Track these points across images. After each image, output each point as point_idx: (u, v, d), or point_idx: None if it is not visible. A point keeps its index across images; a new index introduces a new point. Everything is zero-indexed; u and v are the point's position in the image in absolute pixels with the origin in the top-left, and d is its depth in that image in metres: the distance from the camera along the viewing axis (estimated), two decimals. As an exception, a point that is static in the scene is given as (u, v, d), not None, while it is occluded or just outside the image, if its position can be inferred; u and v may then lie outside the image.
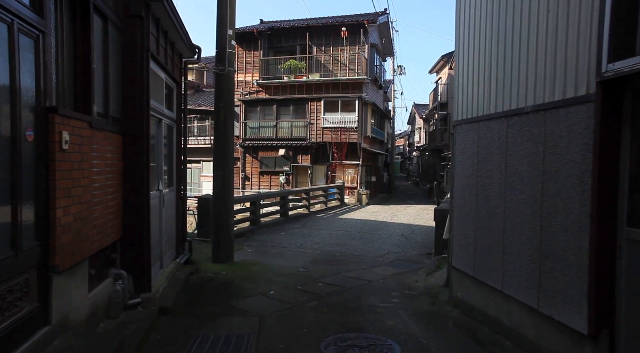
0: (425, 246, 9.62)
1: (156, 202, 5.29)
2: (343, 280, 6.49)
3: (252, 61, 22.95)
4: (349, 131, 21.06)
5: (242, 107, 22.72)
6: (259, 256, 8.13)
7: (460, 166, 4.71)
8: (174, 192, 6.42)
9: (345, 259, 8.10)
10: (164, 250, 5.70)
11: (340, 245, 9.44)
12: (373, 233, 11.13)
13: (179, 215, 6.61)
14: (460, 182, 4.72)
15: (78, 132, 3.13)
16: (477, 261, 4.25)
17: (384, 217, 14.77)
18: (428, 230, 11.94)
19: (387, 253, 8.79)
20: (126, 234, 4.36)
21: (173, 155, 6.42)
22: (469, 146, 4.50)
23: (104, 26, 3.79)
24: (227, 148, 7.44)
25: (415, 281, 6.43)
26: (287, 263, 7.63)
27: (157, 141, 5.41)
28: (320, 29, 21.63)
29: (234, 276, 6.45)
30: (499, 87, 3.91)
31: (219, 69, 7.27)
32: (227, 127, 7.39)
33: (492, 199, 4.01)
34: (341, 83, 21.21)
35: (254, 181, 22.89)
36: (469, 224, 4.46)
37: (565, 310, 3.03)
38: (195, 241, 9.32)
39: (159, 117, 5.39)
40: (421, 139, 44.72)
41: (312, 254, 8.50)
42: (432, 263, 7.17)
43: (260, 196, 12.23)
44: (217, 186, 7.46)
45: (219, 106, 7.34)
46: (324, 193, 17.53)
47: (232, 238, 7.55)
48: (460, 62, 4.89)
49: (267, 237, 10.30)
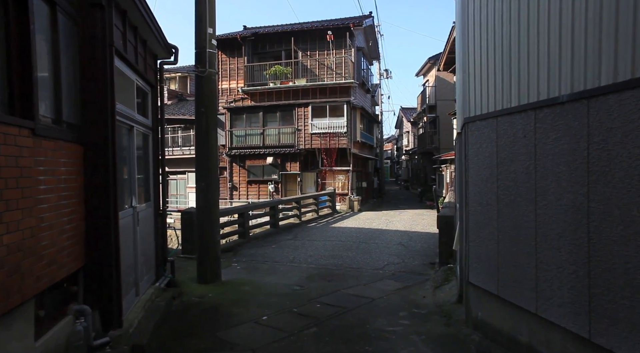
0: (426, 255, 9.05)
1: (129, 221, 4.62)
2: (343, 298, 5.87)
3: (237, 68, 22.36)
4: (338, 136, 20.53)
5: (227, 116, 22.08)
6: (249, 274, 7.46)
7: (475, 169, 4.14)
8: (151, 208, 5.75)
9: (343, 273, 7.48)
10: (141, 275, 5.03)
11: (336, 257, 8.81)
12: (369, 243, 10.53)
13: (158, 233, 5.94)
14: (475, 187, 4.15)
15: (13, 141, 2.48)
16: (502, 277, 3.67)
17: (378, 224, 14.19)
18: (427, 236, 11.38)
19: (387, 264, 8.19)
20: (90, 261, 3.69)
21: (150, 167, 5.75)
22: (485, 146, 3.94)
23: (51, 14, 3.15)
24: (211, 156, 6.79)
25: (422, 297, 5.83)
26: (280, 280, 6.97)
27: (128, 151, 4.76)
28: (306, 34, 21.16)
29: (222, 300, 5.78)
30: (523, 75, 3.36)
31: (199, 71, 6.64)
32: (209, 133, 6.75)
33: (518, 206, 3.44)
34: (328, 88, 20.71)
35: (242, 191, 22.19)
36: (489, 234, 3.89)
37: (630, 343, 2.45)
38: (179, 259, 8.64)
39: (130, 124, 4.73)
40: (409, 142, 44.46)
41: (307, 269, 7.86)
42: (439, 275, 6.58)
43: (248, 208, 11.57)
44: (201, 199, 6.80)
45: (200, 111, 6.70)
46: (315, 201, 16.91)
47: (218, 255, 6.88)
48: (468, 49, 4.34)
49: (257, 251, 9.64)
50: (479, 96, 4.05)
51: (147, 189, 5.69)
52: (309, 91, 20.92)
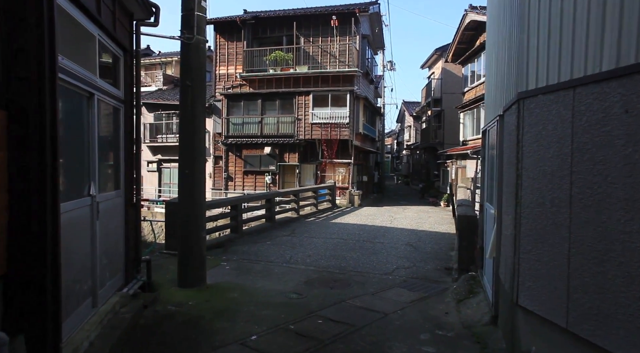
0: (438, 258, 8.10)
1: (83, 213, 3.62)
2: (349, 312, 4.90)
3: (235, 53, 21.28)
4: (339, 127, 19.52)
5: (224, 102, 21.03)
6: (239, 276, 6.48)
7: (534, 159, 3.16)
8: (121, 197, 4.75)
9: (347, 278, 6.51)
10: (102, 280, 4.04)
11: (339, 258, 7.85)
12: (374, 242, 9.56)
13: (130, 228, 4.94)
14: (533, 182, 3.17)
15: None
16: (577, 306, 2.70)
17: (382, 221, 13.22)
18: (436, 237, 10.43)
19: (397, 268, 7.23)
20: (14, 269, 2.70)
21: (120, 148, 4.74)
22: (552, 128, 2.96)
23: None
24: (197, 139, 5.79)
25: (445, 314, 4.87)
26: (274, 285, 6.00)
27: (85, 125, 3.75)
28: (308, 19, 20.06)
29: (204, 310, 4.81)
30: (627, 23, 2.36)
31: (185, 38, 5.62)
32: (195, 112, 5.74)
33: (609, 210, 2.47)
34: (331, 76, 19.67)
35: (238, 182, 21.20)
36: (554, 246, 2.92)
37: None
38: (162, 256, 7.68)
39: (88, 91, 3.72)
40: (411, 137, 43.45)
41: (306, 271, 6.89)
42: (461, 286, 5.62)
43: (242, 199, 10.56)
44: (185, 189, 5.80)
45: (185, 85, 5.68)
46: (314, 195, 15.92)
47: (203, 254, 5.89)
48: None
49: (251, 248, 8.66)
50: (545, 61, 3.05)
51: (116, 175, 4.69)
52: (310, 78, 19.88)
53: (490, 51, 5.53)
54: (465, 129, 22.16)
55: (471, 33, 20.59)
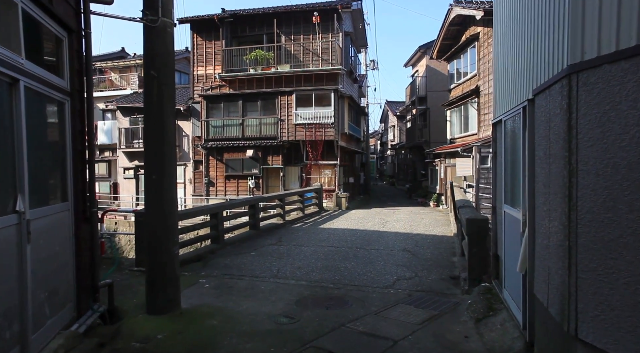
0: (440, 265, 7.37)
1: (7, 235, 2.75)
2: (352, 340, 4.10)
3: (214, 53, 20.35)
4: (324, 127, 18.76)
5: (203, 104, 20.07)
6: (220, 297, 5.62)
7: (598, 149, 2.42)
8: (69, 211, 3.87)
9: (344, 294, 5.72)
10: (35, 321, 3.15)
11: (332, 270, 7.05)
12: (369, 249, 8.79)
13: (82, 247, 4.06)
14: (597, 180, 2.43)
15: None
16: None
17: (374, 225, 12.47)
18: (434, 240, 9.72)
19: (397, 279, 6.46)
20: None
21: (67, 150, 3.86)
22: (628, 107, 2.22)
23: None
24: (166, 138, 4.93)
25: (465, 338, 4.11)
26: (261, 307, 5.17)
27: (7, 119, 2.87)
28: (289, 16, 19.26)
29: (176, 346, 3.95)
30: None
31: (148, 20, 4.76)
32: (163, 107, 4.88)
33: None
34: (314, 75, 18.91)
35: (220, 187, 20.23)
36: (636, 265, 2.18)
37: None
38: (132, 274, 6.78)
39: (9, 75, 2.84)
40: (395, 137, 43.00)
41: (296, 287, 6.07)
42: (476, 301, 4.87)
43: (223, 207, 9.67)
44: (152, 197, 4.93)
45: (150, 75, 4.82)
46: (300, 199, 15.09)
47: (176, 273, 5.02)
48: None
49: (233, 260, 7.79)
50: (615, 19, 2.31)
51: (62, 184, 3.80)
52: (292, 78, 19.09)
53: (502, 30, 4.82)
54: (452, 126, 21.63)
55: (456, 28, 20.10)
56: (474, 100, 18.26)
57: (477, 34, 17.85)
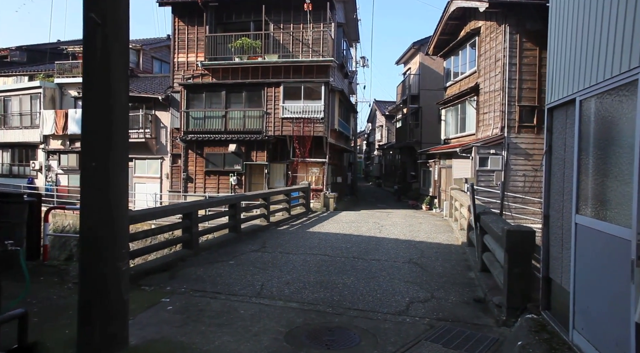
0: (457, 282, 6.15)
1: None
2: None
3: (196, 39, 18.88)
4: (313, 122, 17.46)
5: (183, 94, 18.57)
6: (185, 326, 4.27)
7: None
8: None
9: (347, 323, 4.43)
10: None
11: (328, 287, 5.75)
12: (368, 259, 7.52)
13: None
14: None
15: None
16: None
17: (368, 229, 11.21)
18: (441, 250, 8.52)
19: (411, 302, 5.20)
20: None
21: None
22: None
23: None
24: (114, 112, 3.56)
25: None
26: (239, 344, 3.83)
27: None
28: (279, 3, 17.91)
29: None
30: None
31: (92, -56, 3.39)
32: (111, 65, 3.51)
33: None
34: (304, 66, 17.61)
35: (199, 183, 18.75)
36: None
37: None
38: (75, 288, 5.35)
39: None
40: (382, 137, 41.97)
41: (286, 311, 4.76)
42: (530, 342, 3.62)
43: (199, 206, 8.24)
44: (91, 192, 3.56)
45: (92, 20, 3.44)
46: (286, 198, 13.76)
47: (122, 298, 3.65)
48: None
49: (207, 271, 6.43)
50: None
51: None
52: (281, 68, 17.76)
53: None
54: (447, 126, 20.55)
55: (455, 23, 19.04)
56: (472, 98, 17.20)
57: (478, 28, 16.81)
